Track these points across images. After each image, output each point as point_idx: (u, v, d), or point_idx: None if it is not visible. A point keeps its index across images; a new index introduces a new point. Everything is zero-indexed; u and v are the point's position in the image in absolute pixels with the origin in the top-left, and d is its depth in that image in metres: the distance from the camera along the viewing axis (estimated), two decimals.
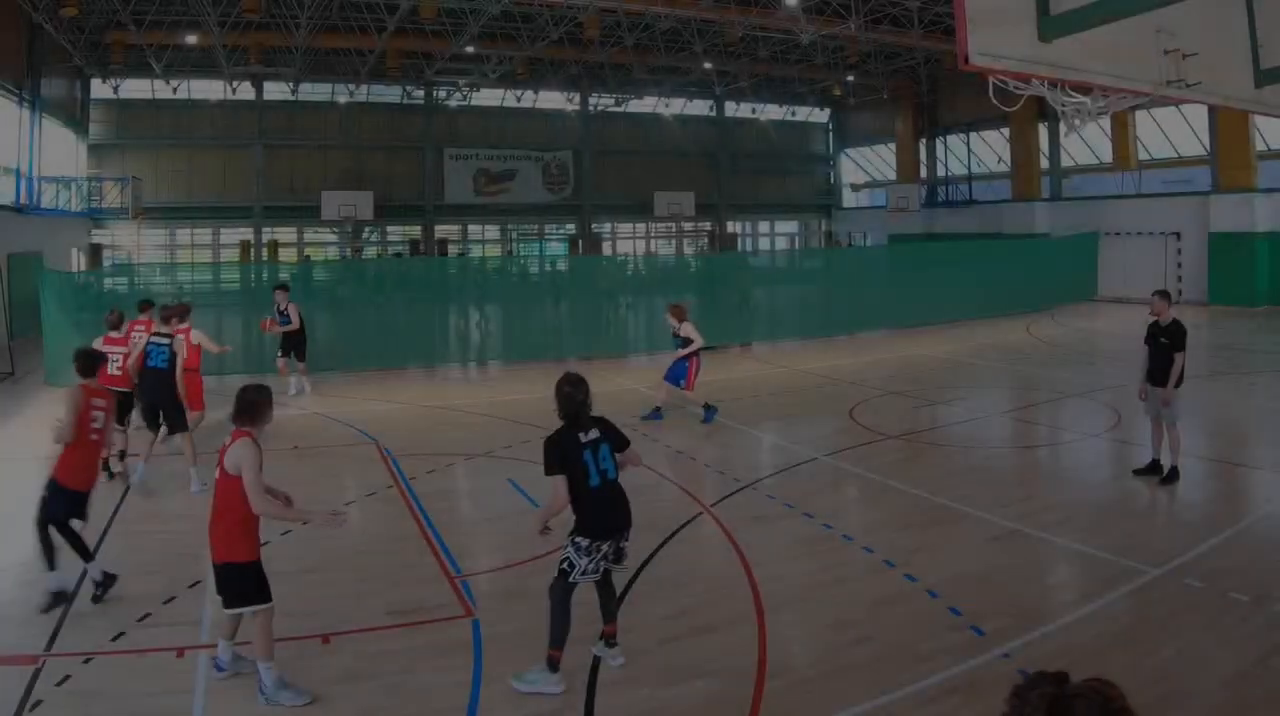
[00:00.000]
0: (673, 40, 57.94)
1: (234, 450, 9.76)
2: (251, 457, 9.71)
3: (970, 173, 68.06)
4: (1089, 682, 4.23)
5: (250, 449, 9.77)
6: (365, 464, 19.51)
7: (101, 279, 38.24)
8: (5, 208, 41.71)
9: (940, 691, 9.66)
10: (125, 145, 60.87)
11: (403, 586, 12.75)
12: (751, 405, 25.51)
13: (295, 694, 9.82)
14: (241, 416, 10.03)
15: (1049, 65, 10.47)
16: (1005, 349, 34.83)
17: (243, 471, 9.65)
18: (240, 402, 10.10)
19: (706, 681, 10.03)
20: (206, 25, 48.61)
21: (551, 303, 40.36)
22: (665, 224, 74.67)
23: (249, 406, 10.08)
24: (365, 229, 67.31)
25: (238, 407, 10.07)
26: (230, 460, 9.72)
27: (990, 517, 15.15)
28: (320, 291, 39.05)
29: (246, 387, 10.31)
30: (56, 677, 10.00)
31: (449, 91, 67.04)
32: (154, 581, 12.80)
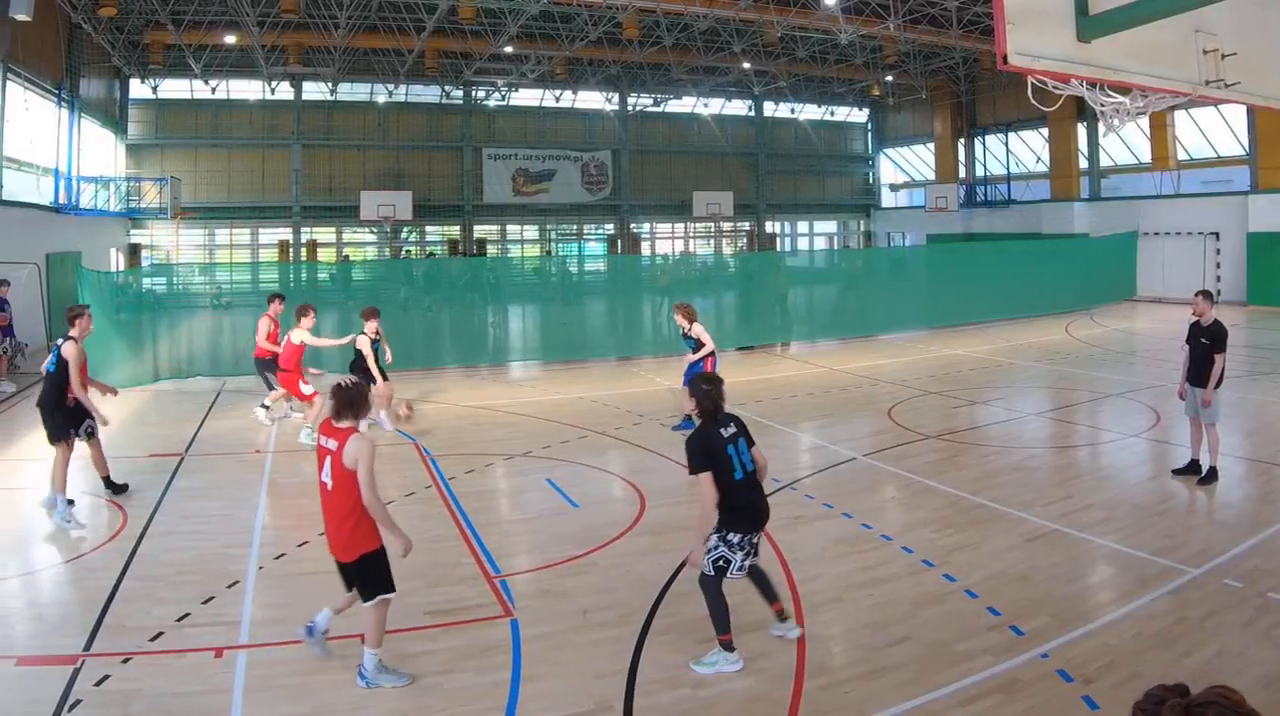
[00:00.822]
0: (711, 40, 57.82)
1: (351, 446, 9.90)
2: (369, 452, 9.88)
3: (1009, 172, 67.85)
4: (1214, 690, 4.27)
5: (366, 443, 9.93)
6: (404, 464, 19.52)
7: (140, 278, 38.29)
8: (44, 207, 41.83)
9: (979, 691, 9.68)
10: (164, 145, 61.05)
11: (442, 586, 12.79)
12: (790, 405, 25.51)
13: (395, 677, 10.10)
14: (344, 411, 10.15)
15: (1087, 65, 10.44)
16: (1044, 349, 34.72)
17: (360, 466, 9.83)
18: (342, 398, 10.21)
19: (745, 681, 10.04)
20: (245, 25, 48.64)
21: (591, 303, 40.41)
22: (704, 224, 74.51)
23: (351, 401, 10.20)
24: (404, 229, 67.33)
25: (340, 403, 10.19)
26: (349, 456, 9.86)
27: (1029, 517, 15.16)
28: (359, 291, 39.12)
29: (343, 384, 10.40)
30: (95, 677, 10.05)
31: (488, 91, 67.03)
32: (192, 582, 12.84)
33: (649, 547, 13.98)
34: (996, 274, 45.13)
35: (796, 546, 13.94)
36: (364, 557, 10.09)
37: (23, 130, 39.62)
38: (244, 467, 18.90)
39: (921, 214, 71.27)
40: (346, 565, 10.23)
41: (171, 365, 30.61)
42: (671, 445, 20.56)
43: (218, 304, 39.19)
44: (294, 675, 10.25)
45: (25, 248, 34.57)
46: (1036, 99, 11.26)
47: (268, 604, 12.22)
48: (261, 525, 15.66)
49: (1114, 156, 59.06)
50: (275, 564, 13.69)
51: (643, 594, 12.29)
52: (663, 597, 12.21)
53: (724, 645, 10.23)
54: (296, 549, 14.30)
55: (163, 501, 16.88)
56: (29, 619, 11.91)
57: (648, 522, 15.31)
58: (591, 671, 10.30)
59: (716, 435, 10.30)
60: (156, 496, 17.09)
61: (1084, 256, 51.80)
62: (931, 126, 72.38)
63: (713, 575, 10.22)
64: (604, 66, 63.94)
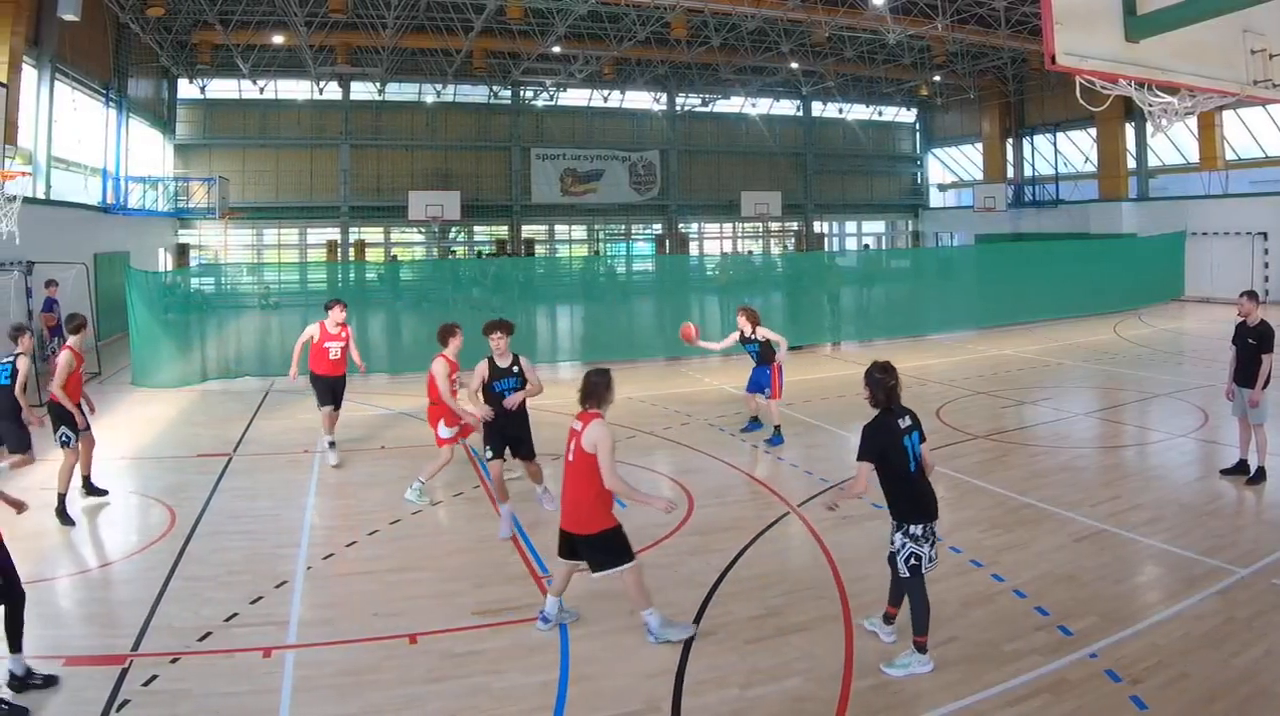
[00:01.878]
0: (759, 40, 57.74)
1: (590, 430, 10.70)
2: (607, 437, 10.63)
3: (1057, 172, 67.51)
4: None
5: (605, 429, 10.71)
6: (453, 464, 19.18)
7: (188, 279, 38.45)
8: (92, 207, 42.13)
9: (1027, 691, 9.68)
10: (212, 145, 61.40)
11: (489, 586, 12.83)
12: (839, 405, 25.48)
13: (680, 629, 10.69)
14: (589, 399, 10.80)
15: (1135, 65, 10.43)
16: (1092, 349, 34.59)
17: (599, 449, 10.37)
18: (587, 386, 10.89)
19: (793, 681, 10.08)
20: (293, 25, 48.73)
21: (639, 303, 40.46)
22: (752, 224, 74.35)
23: (595, 388, 10.86)
24: (452, 229, 67.43)
25: (586, 391, 10.87)
26: (588, 439, 10.63)
27: (1077, 517, 15.13)
28: (407, 291, 39.20)
29: (591, 372, 11.01)
30: (143, 678, 10.13)
31: (535, 91, 67.10)
32: (241, 582, 12.90)
33: (697, 547, 14.01)
34: (1044, 274, 44.91)
35: (845, 546, 13.99)
36: (602, 532, 10.61)
37: (71, 130, 39.90)
38: (292, 467, 18.98)
39: (970, 214, 71.08)
40: (580, 537, 10.68)
41: (220, 365, 30.75)
42: (720, 445, 20.78)
43: (266, 304, 39.40)
44: (341, 675, 10.31)
45: (73, 248, 34.57)
46: (1085, 99, 11.24)
47: (316, 604, 12.28)
48: (310, 525, 15.74)
49: (1162, 156, 58.82)
50: (323, 564, 13.76)
51: (691, 594, 12.31)
52: (711, 597, 12.23)
53: (919, 646, 10.24)
54: (345, 549, 14.39)
55: (211, 501, 16.98)
56: (77, 619, 12.02)
57: (696, 523, 15.33)
58: (639, 671, 10.34)
59: (894, 426, 10.42)
60: (205, 496, 17.19)
61: (1132, 256, 51.65)
62: (980, 126, 72.15)
63: (909, 575, 10.27)
64: (652, 66, 63.98)
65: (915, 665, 10.13)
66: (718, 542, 13.98)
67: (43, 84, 36.83)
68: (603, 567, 10.60)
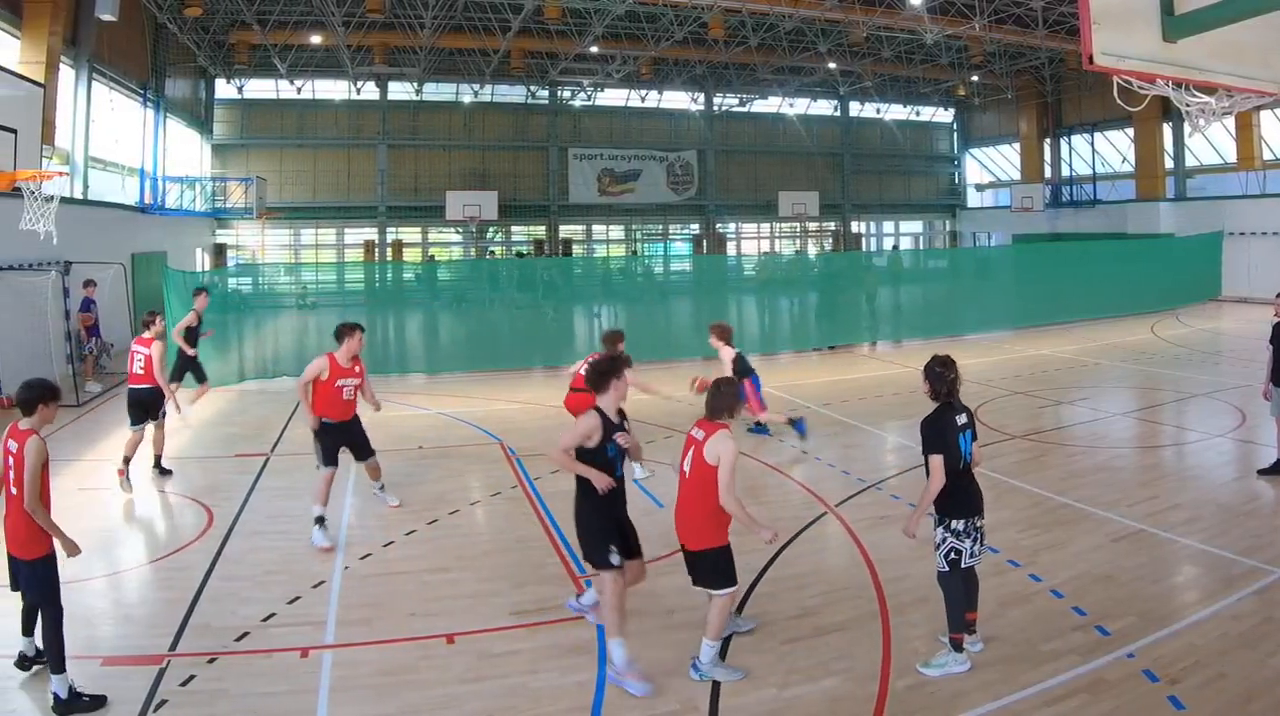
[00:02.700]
0: (797, 40, 57.74)
1: (716, 442, 10.16)
2: (733, 451, 10.16)
3: (1094, 172, 67.34)
4: None
5: (732, 442, 10.17)
6: (490, 464, 19.69)
7: (226, 279, 38.56)
8: (130, 208, 42.37)
9: (1065, 691, 9.67)
10: (249, 145, 61.72)
11: (527, 586, 12.86)
12: (875, 405, 25.54)
13: (729, 671, 10.23)
14: (718, 409, 10.47)
15: (1173, 65, 10.39)
16: (1130, 349, 34.52)
17: (721, 463, 10.06)
18: (717, 395, 10.54)
19: (831, 681, 10.10)
20: (330, 25, 49.10)
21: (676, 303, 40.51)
22: (789, 224, 74.31)
23: (725, 399, 10.53)
24: (489, 229, 67.55)
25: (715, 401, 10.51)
26: (711, 452, 10.15)
27: (1115, 517, 15.13)
28: (444, 291, 39.26)
29: (720, 381, 10.81)
30: (181, 677, 10.18)
31: (573, 91, 67.34)
32: (278, 582, 12.98)
33: (734, 547, 13.59)
34: (1082, 274, 44.77)
35: (883, 546, 14.00)
36: (709, 550, 10.31)
37: (108, 130, 40.18)
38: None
39: (1007, 214, 70.80)
40: (690, 553, 10.46)
41: (257, 365, 30.87)
42: (758, 445, 20.78)
43: (303, 304, 39.43)
44: (379, 675, 10.35)
45: (111, 248, 34.74)
46: (1122, 99, 11.20)
47: (353, 604, 12.32)
48: (348, 525, 15.83)
49: (1199, 156, 58.61)
50: (361, 564, 13.82)
51: None
52: (748, 598, 12.24)
53: (954, 644, 10.27)
54: (382, 549, 14.46)
55: (248, 501, 17.08)
56: (115, 619, 12.06)
57: (733, 524, 15.19)
58: (677, 671, 10.34)
59: (953, 421, 10.41)
60: (242, 496, 17.30)
61: (1169, 256, 51.57)
62: (1017, 126, 72.01)
63: (948, 570, 10.31)
64: (689, 66, 64.00)
65: (952, 664, 10.15)
66: (754, 543, 13.65)
67: (80, 84, 37.03)
68: (705, 585, 10.40)
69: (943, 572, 10.34)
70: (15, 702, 9.94)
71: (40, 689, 9.98)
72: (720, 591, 10.27)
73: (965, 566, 10.32)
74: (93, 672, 10.33)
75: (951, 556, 10.24)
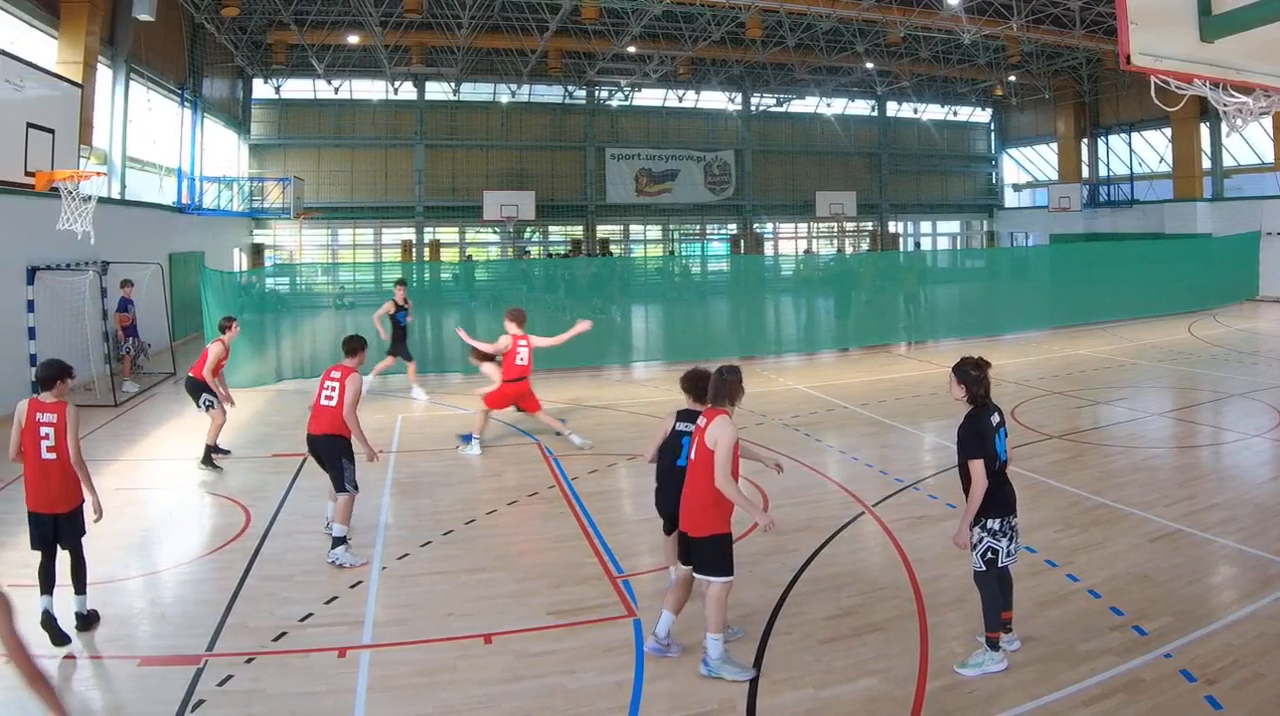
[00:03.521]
0: (834, 40, 57.76)
1: (714, 426, 10.23)
2: (730, 436, 10.20)
3: (1132, 172, 67.17)
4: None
5: (730, 427, 10.26)
6: (528, 463, 19.71)
7: (264, 278, 38.71)
8: (167, 208, 42.53)
9: (1102, 691, 9.68)
10: (287, 145, 61.97)
11: (565, 586, 12.88)
12: (913, 404, 25.50)
13: (739, 669, 10.22)
14: (719, 396, 10.50)
15: (1211, 66, 10.37)
16: (1167, 349, 34.42)
17: (718, 446, 10.06)
18: (718, 383, 10.62)
19: (868, 681, 10.10)
20: (368, 25, 49.23)
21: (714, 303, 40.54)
22: (827, 224, 74.26)
23: (726, 386, 10.53)
24: (526, 229, 67.57)
25: (716, 388, 10.57)
26: (710, 436, 10.26)
27: (1152, 517, 15.12)
28: (482, 291, 39.33)
29: (722, 369, 10.73)
30: (218, 677, 10.23)
31: (610, 91, 67.40)
32: (315, 582, 13.04)
33: (771, 547, 13.97)
34: (1119, 274, 44.91)
35: (920, 546, 14.03)
36: (713, 537, 10.28)
37: (146, 130, 40.31)
38: (367, 468, 18.92)
39: (1044, 214, 70.79)
40: (692, 540, 10.42)
41: (295, 365, 30.90)
42: (795, 445, 20.75)
43: (341, 304, 39.78)
44: (416, 675, 10.38)
45: (148, 248, 34.83)
46: (1159, 99, 11.17)
47: (391, 604, 12.38)
48: (385, 525, 15.84)
49: (1237, 156, 58.50)
50: (398, 564, 13.83)
51: (765, 594, 12.35)
52: (786, 597, 12.27)
53: (990, 643, 10.30)
54: (420, 549, 14.46)
55: (286, 501, 17.14)
56: (152, 619, 12.09)
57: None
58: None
59: (989, 424, 10.41)
60: (280, 496, 17.35)
61: (1206, 256, 51.48)
62: (1054, 126, 71.93)
63: (985, 569, 10.34)
64: (727, 66, 64.11)
65: (989, 663, 10.18)
66: (792, 542, 14.02)
67: (118, 84, 37.15)
68: (704, 572, 10.37)
69: (979, 572, 10.36)
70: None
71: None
72: (719, 579, 10.28)
73: (1002, 565, 10.34)
74: (130, 672, 10.45)
75: (988, 556, 10.26)
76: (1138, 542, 14.04)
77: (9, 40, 26.81)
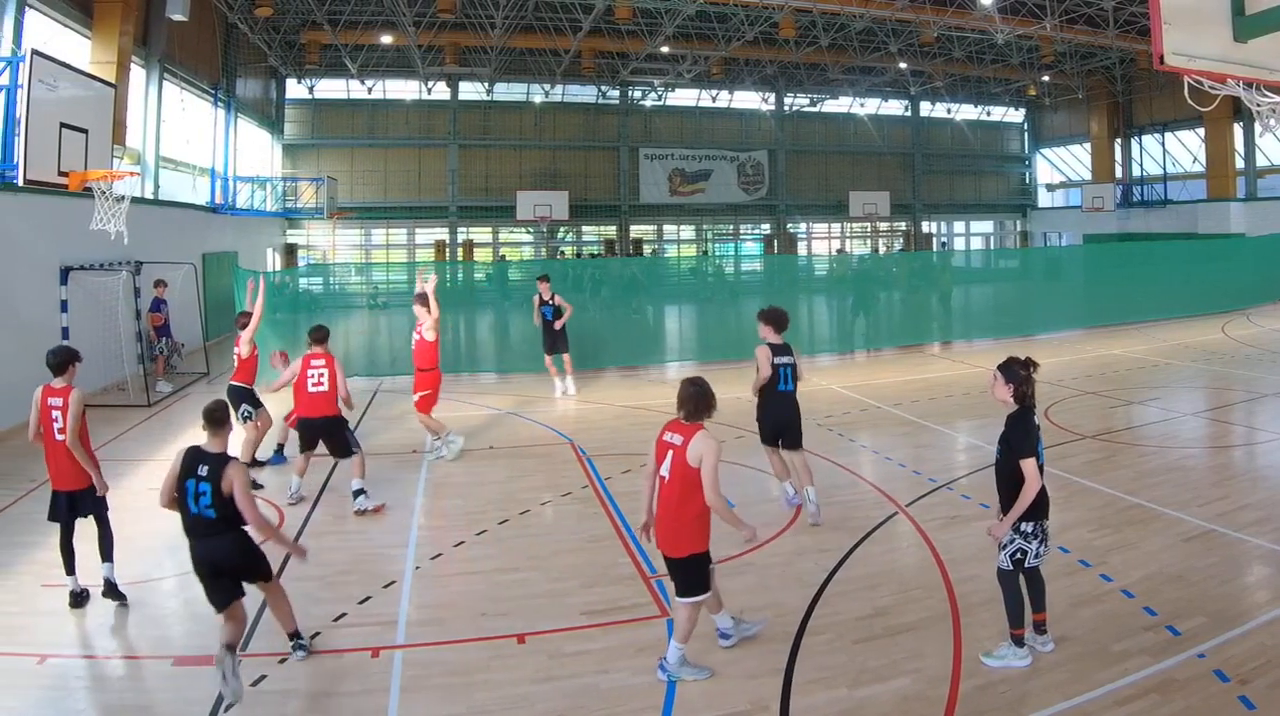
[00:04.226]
0: (868, 40, 57.88)
1: (697, 442, 10.03)
2: (715, 450, 10.03)
3: (1165, 172, 67.26)
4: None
5: (713, 441, 10.06)
6: (561, 464, 19.69)
7: (297, 278, 38.83)
8: (200, 208, 42.71)
9: (1135, 691, 9.66)
10: (320, 145, 62.36)
11: (598, 586, 12.89)
12: (946, 404, 25.44)
13: (696, 671, 10.24)
14: (692, 410, 10.34)
15: (1244, 65, 10.37)
16: (1200, 349, 34.23)
17: (705, 462, 9.93)
18: (687, 396, 10.43)
19: (902, 681, 10.09)
20: (401, 25, 49.48)
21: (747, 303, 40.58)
22: (860, 224, 74.48)
23: (696, 399, 10.37)
24: (560, 229, 67.71)
25: (686, 402, 10.42)
26: (694, 453, 10.00)
27: (1186, 517, 15.05)
28: (515, 291, 39.38)
29: (686, 382, 10.62)
30: (252, 677, 10.24)
31: (644, 91, 67.60)
32: (349, 582, 13.09)
33: (805, 547, 14.06)
34: (1152, 274, 44.87)
35: (953, 546, 14.02)
36: (692, 557, 10.19)
37: (179, 130, 40.53)
38: (401, 467, 19.07)
39: (1078, 214, 71.03)
40: (671, 560, 10.34)
41: None
42: (828, 445, 20.70)
43: (374, 304, 39.78)
44: (450, 675, 10.41)
45: (182, 248, 35.03)
46: (1193, 99, 11.16)
47: (424, 604, 12.43)
48: (418, 525, 15.85)
49: (1271, 156, 58.59)
50: (432, 564, 13.88)
51: (799, 593, 12.36)
52: (819, 597, 12.27)
53: (1015, 639, 10.34)
54: (453, 549, 14.50)
55: (319, 501, 17.20)
56: (185, 619, 12.17)
57: (804, 522, 15.32)
58: (747, 671, 10.37)
59: (1036, 425, 10.50)
60: (313, 496, 17.40)
61: (1240, 256, 51.29)
62: (1088, 126, 72.08)
63: (1010, 568, 10.36)
64: (760, 66, 64.13)
65: (1012, 658, 10.22)
66: (826, 542, 14.04)
67: (151, 84, 37.35)
68: (682, 594, 10.28)
69: (1005, 571, 10.38)
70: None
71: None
72: (695, 598, 10.24)
73: (1028, 567, 10.36)
74: (164, 672, 10.52)
75: (1017, 556, 10.27)
76: (1171, 543, 13.98)
77: (43, 40, 26.93)
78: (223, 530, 10.24)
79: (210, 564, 10.24)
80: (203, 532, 10.23)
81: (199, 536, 10.25)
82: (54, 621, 11.78)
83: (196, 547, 10.29)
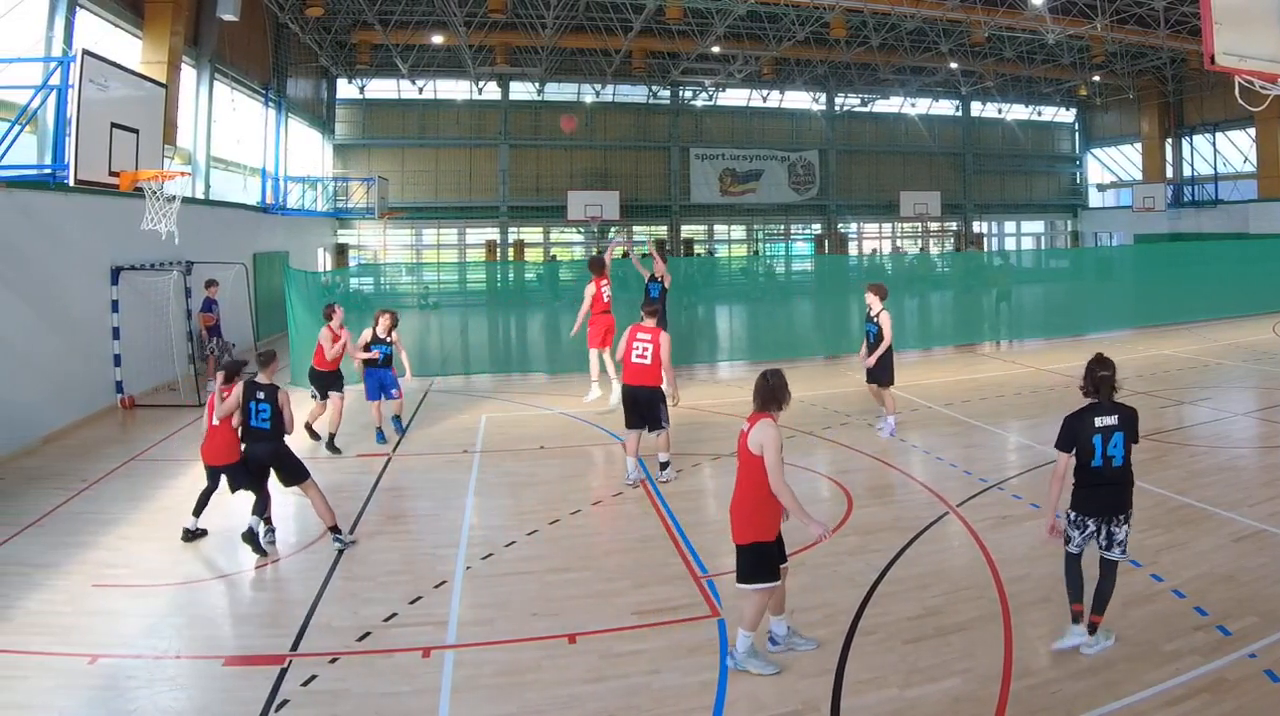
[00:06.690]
0: (918, 40, 57.87)
1: (757, 431, 10.24)
2: (775, 438, 10.16)
3: (1216, 172, 67.02)
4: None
5: (773, 430, 10.22)
6: (611, 464, 19.72)
7: (347, 279, 38.96)
8: (251, 208, 42.89)
9: (1186, 691, 9.62)
10: (371, 145, 62.71)
11: (649, 586, 12.91)
12: (998, 404, 25.38)
13: (764, 664, 10.27)
14: (764, 401, 10.45)
15: None
16: (1251, 349, 34.01)
17: (766, 451, 10.05)
18: (761, 387, 10.55)
19: (952, 681, 10.09)
20: (452, 25, 49.72)
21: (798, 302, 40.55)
22: (911, 224, 74.53)
23: (772, 391, 10.48)
24: (611, 229, 67.14)
25: (759, 392, 10.52)
26: (754, 440, 10.22)
27: (1236, 517, 14.99)
28: (566, 291, 39.37)
29: (766, 372, 10.68)
30: (302, 677, 10.32)
31: (694, 91, 67.63)
32: (400, 582, 13.11)
33: (856, 547, 14.07)
34: (1203, 274, 44.65)
35: (1004, 546, 14.00)
36: (755, 544, 10.27)
37: (230, 130, 40.67)
38: (452, 468, 19.13)
39: (1128, 214, 70.78)
40: (737, 547, 10.42)
41: None
42: (879, 445, 20.75)
43: (425, 304, 39.74)
44: (501, 675, 10.44)
45: (233, 248, 35.20)
46: (1244, 99, 11.18)
47: (475, 604, 12.43)
48: (469, 525, 15.91)
49: None
50: (483, 564, 13.89)
51: (850, 593, 12.37)
52: (870, 597, 12.27)
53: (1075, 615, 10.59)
54: (504, 549, 14.51)
55: (370, 502, 17.25)
56: (236, 619, 12.30)
57: (855, 522, 15.37)
58: (798, 671, 10.37)
59: (1089, 421, 10.53)
60: (364, 497, 17.47)
61: None
62: (1139, 126, 71.85)
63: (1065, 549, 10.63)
64: (811, 66, 64.25)
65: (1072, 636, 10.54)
66: (877, 542, 14.07)
67: (202, 84, 37.50)
68: (744, 580, 10.33)
69: (1066, 554, 10.65)
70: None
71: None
72: (754, 586, 10.27)
73: (1071, 552, 10.60)
74: (214, 672, 10.56)
75: (1064, 542, 10.55)
76: (1222, 543, 13.94)
77: (93, 40, 26.99)
78: (271, 437, 14.50)
79: (257, 460, 14.59)
80: (257, 437, 14.53)
81: (254, 441, 14.56)
82: (105, 621, 11.84)
83: (251, 449, 14.63)
